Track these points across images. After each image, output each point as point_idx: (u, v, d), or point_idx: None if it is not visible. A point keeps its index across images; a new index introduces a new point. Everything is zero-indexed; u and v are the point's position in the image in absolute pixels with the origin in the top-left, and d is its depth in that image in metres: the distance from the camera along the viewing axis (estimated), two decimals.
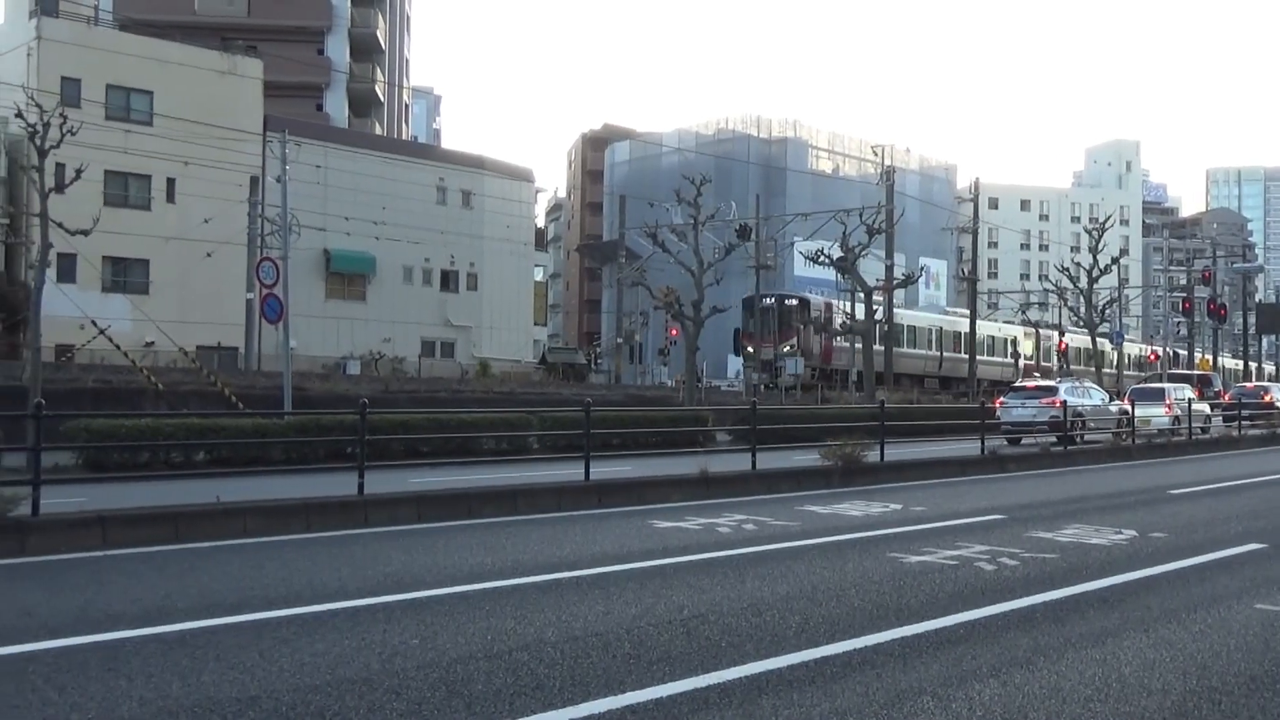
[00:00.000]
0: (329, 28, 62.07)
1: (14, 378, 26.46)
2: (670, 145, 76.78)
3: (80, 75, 42.44)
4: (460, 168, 57.06)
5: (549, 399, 34.39)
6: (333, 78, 61.51)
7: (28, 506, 10.69)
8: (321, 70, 60.84)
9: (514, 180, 59.63)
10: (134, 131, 42.89)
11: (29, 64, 41.74)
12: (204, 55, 47.01)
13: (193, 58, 46.39)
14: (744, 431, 22.96)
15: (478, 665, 6.08)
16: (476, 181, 57.07)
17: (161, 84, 44.65)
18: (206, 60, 46.84)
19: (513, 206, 58.22)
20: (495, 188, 57.45)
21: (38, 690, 5.58)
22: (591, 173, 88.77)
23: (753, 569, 9.37)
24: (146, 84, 44.50)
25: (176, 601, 7.94)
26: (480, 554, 10.21)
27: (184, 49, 46.65)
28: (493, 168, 58.68)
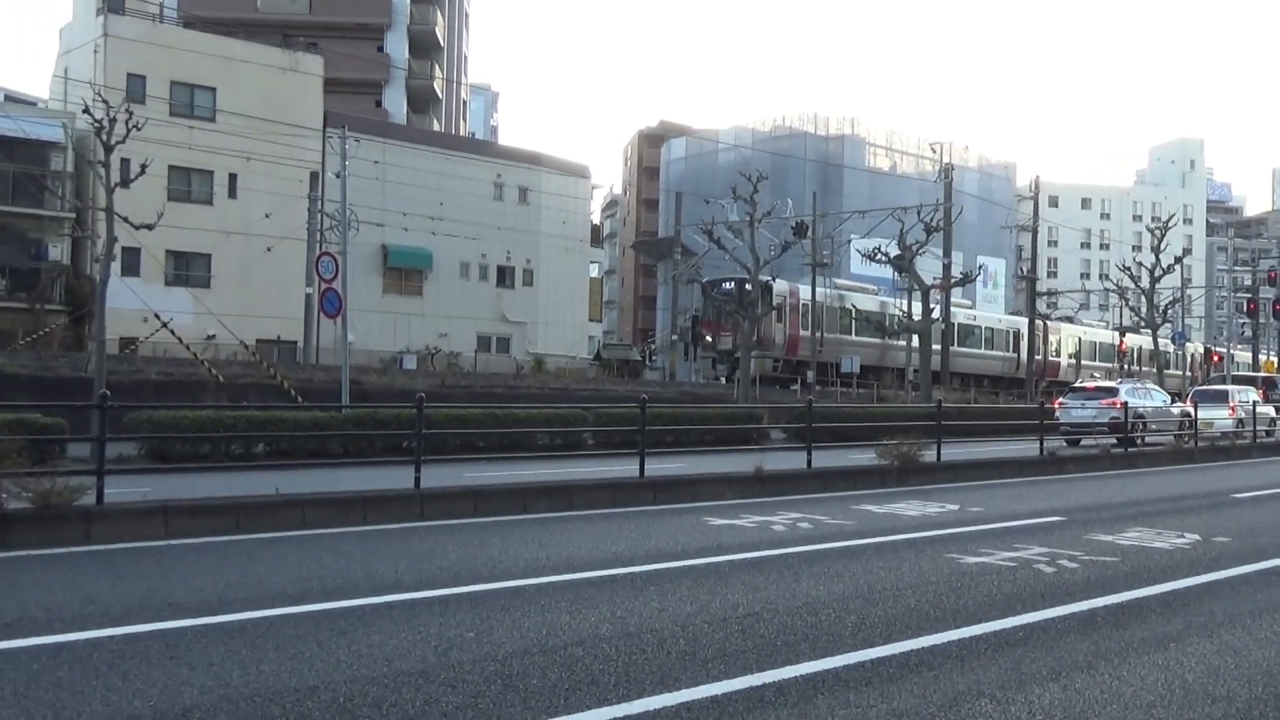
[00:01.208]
0: (389, 25, 62.53)
1: (80, 369, 26.92)
2: (727, 142, 76.56)
3: (145, 72, 43.07)
4: (517, 164, 57.24)
5: (603, 395, 34.43)
6: (392, 74, 61.96)
7: (93, 496, 10.89)
8: (381, 67, 61.32)
9: (570, 177, 59.71)
10: (197, 127, 43.47)
11: (96, 61, 42.44)
12: (266, 52, 47.53)
13: (255, 54, 46.91)
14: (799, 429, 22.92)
15: (533, 660, 6.10)
16: (533, 178, 57.24)
17: (224, 80, 45.21)
18: (268, 57, 47.35)
19: (569, 203, 58.32)
20: (552, 184, 57.57)
21: (102, 676, 5.67)
22: (647, 169, 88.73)
23: (808, 568, 9.32)
24: (210, 80, 45.07)
25: (236, 591, 8.05)
26: (535, 549, 10.25)
27: (247, 46, 47.19)
28: (549, 164, 58.81)
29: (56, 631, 6.62)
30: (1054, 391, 55.14)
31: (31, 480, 10.33)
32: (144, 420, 18.93)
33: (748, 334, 39.81)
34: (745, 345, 39.21)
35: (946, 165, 50.79)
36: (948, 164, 51.61)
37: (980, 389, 52.88)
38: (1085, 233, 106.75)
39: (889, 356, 51.45)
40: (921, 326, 42.39)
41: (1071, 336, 63.34)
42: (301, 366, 37.30)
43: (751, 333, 40.87)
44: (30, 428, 16.08)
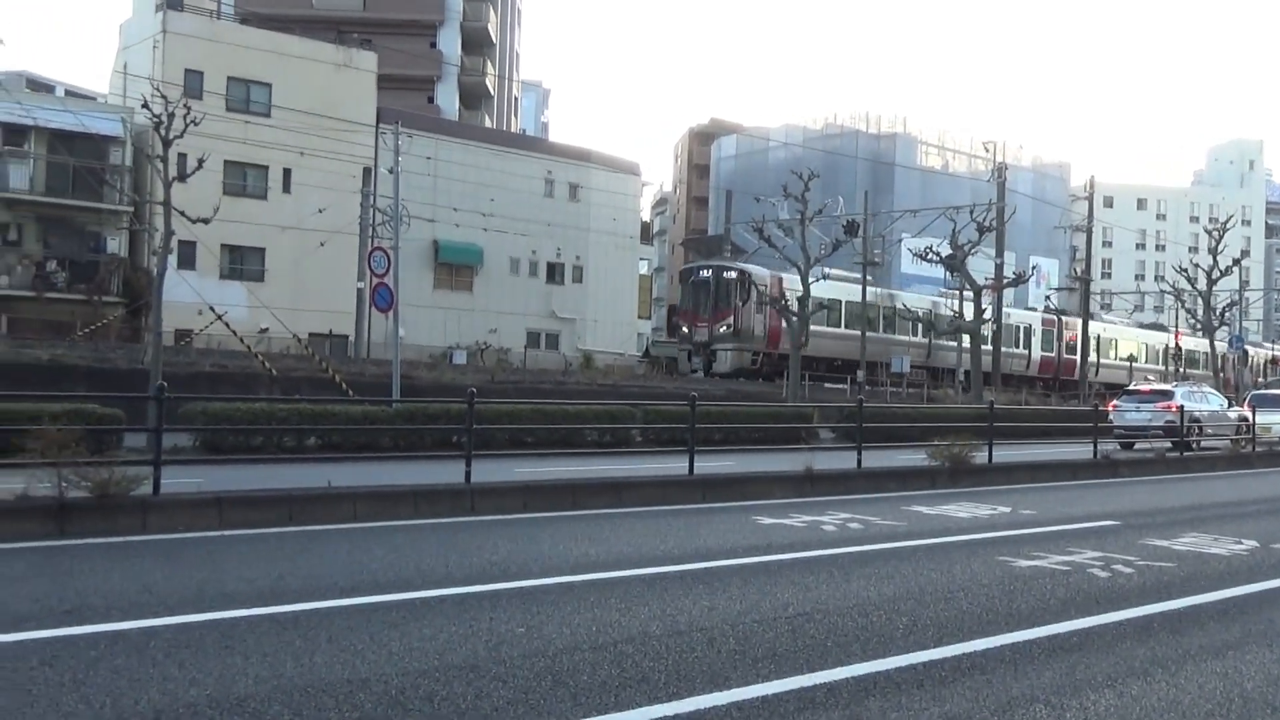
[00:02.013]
0: (441, 21, 62.88)
1: (136, 361, 27.31)
2: (778, 140, 76.32)
3: (203, 68, 43.60)
4: (568, 161, 57.36)
5: (652, 392, 34.42)
6: (444, 71, 62.30)
7: (149, 486, 11.04)
8: (433, 63, 61.67)
9: (621, 174, 59.75)
10: (253, 123, 43.92)
11: (155, 57, 42.99)
12: (320, 48, 47.93)
13: (310, 51, 47.33)
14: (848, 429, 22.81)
15: (583, 656, 6.10)
16: (584, 175, 57.33)
17: (280, 76, 45.66)
18: (323, 53, 47.76)
19: (619, 200, 58.36)
20: (602, 181, 57.63)
21: (158, 665, 5.74)
22: (698, 167, 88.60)
23: (858, 568, 9.27)
24: (265, 76, 45.54)
25: (289, 583, 8.12)
26: (585, 545, 10.27)
27: (302, 42, 47.62)
28: (600, 161, 58.88)
29: (114, 619, 6.71)
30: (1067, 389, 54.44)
31: (90, 470, 10.48)
32: (199, 412, 19.17)
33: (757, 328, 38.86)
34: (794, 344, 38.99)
35: (1000, 164, 50.30)
36: (1001, 163, 51.13)
37: (1032, 390, 52.24)
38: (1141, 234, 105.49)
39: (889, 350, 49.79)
40: (972, 326, 42.07)
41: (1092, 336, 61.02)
42: (353, 360, 37.62)
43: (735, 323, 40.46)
44: (88, 418, 16.38)
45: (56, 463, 10.28)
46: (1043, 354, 57.13)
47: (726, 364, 43.38)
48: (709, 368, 43.17)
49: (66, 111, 40.59)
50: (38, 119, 39.77)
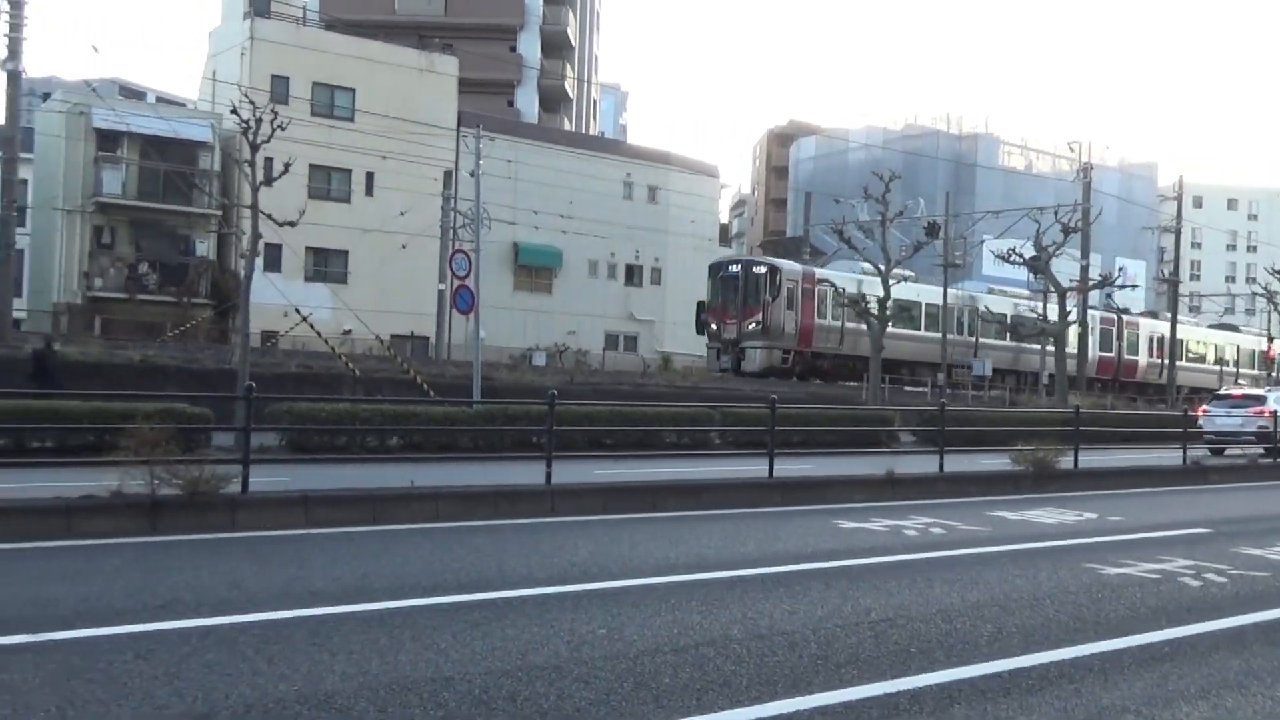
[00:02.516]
0: (521, 25, 63.32)
1: (224, 361, 27.84)
2: (857, 141, 75.78)
3: (289, 73, 44.38)
4: (646, 163, 57.46)
5: (730, 394, 34.29)
6: (524, 74, 62.73)
7: (238, 484, 11.26)
8: (514, 67, 62.13)
9: (699, 176, 59.71)
10: (337, 127, 44.61)
11: (242, 63, 43.85)
12: (403, 53, 48.54)
13: (392, 56, 47.96)
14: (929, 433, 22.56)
15: (664, 658, 6.10)
16: (662, 177, 57.39)
17: (363, 81, 46.34)
18: (405, 58, 48.37)
19: (697, 202, 58.32)
20: (680, 183, 57.64)
21: (248, 660, 5.85)
22: (776, 169, 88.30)
23: (941, 574, 9.16)
24: (349, 81, 46.24)
25: (374, 581, 8.23)
26: (665, 547, 10.27)
27: (384, 47, 48.27)
28: (678, 163, 58.90)
29: (205, 615, 6.85)
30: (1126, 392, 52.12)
31: (181, 468, 10.70)
32: (284, 412, 19.47)
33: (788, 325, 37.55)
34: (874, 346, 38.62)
35: (1085, 164, 49.44)
36: (1086, 163, 50.22)
37: (1118, 394, 51.11)
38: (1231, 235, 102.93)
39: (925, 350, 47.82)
40: (1056, 329, 41.40)
41: (1156, 334, 57.55)
42: (434, 362, 38.02)
43: (764, 320, 39.24)
44: (179, 417, 16.71)
45: (149, 461, 10.52)
46: (1100, 354, 53.78)
47: (755, 363, 41.58)
48: (738, 366, 41.25)
49: (158, 118, 41.63)
50: (130, 125, 40.78)
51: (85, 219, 41.61)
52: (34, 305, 43.24)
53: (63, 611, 6.86)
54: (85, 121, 40.92)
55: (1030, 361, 50.34)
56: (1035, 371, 49.91)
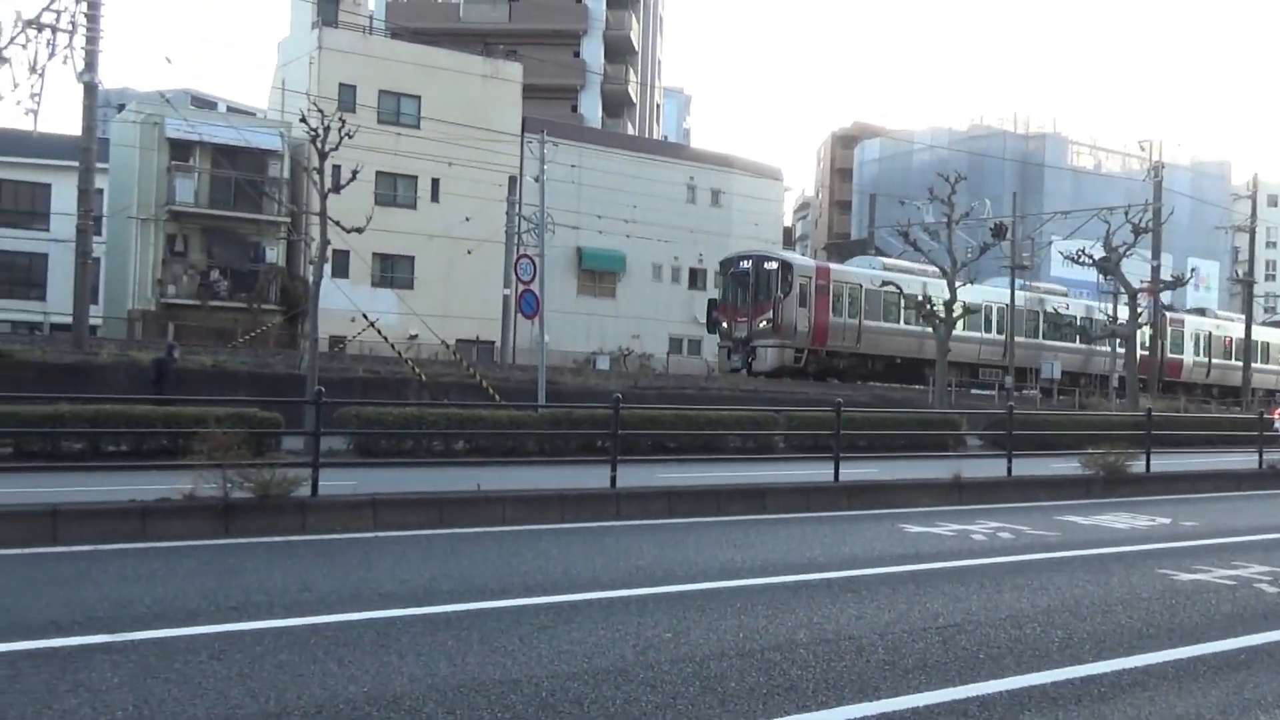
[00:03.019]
0: (585, 31, 63.61)
1: (293, 366, 28.21)
2: (922, 142, 75.19)
3: (356, 82, 44.93)
4: (710, 166, 57.43)
5: (794, 398, 34.14)
6: (588, 79, 62.99)
7: (308, 487, 11.42)
8: (577, 72, 62.42)
9: (762, 179, 59.57)
10: (403, 134, 45.07)
11: (311, 72, 44.45)
12: (468, 60, 48.94)
13: (457, 63, 48.38)
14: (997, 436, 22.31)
15: (730, 662, 6.10)
16: (725, 180, 57.33)
17: (429, 89, 46.79)
18: (470, 65, 48.76)
19: (761, 205, 58.18)
20: (744, 186, 57.56)
21: (319, 661, 5.94)
22: (840, 171, 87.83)
23: (1010, 579, 9.07)
24: (415, 89, 46.70)
25: (441, 584, 8.31)
26: (730, 551, 10.26)
27: (449, 55, 48.70)
28: (741, 166, 58.80)
29: (277, 616, 6.96)
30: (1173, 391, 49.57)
31: (253, 471, 10.88)
32: (353, 416, 19.72)
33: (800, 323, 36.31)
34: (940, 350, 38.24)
35: (1156, 163, 48.61)
36: (1157, 162, 49.38)
37: (1191, 397, 49.98)
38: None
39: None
40: (1127, 330, 40.77)
41: (1202, 332, 55.29)
42: (499, 366, 38.24)
43: (776, 317, 37.91)
44: (250, 421, 17.00)
45: (222, 464, 10.70)
46: (1141, 353, 50.34)
47: (767, 362, 39.71)
48: (748, 366, 39.67)
49: (229, 127, 42.29)
50: (203, 135, 41.50)
51: (159, 227, 42.42)
52: (110, 312, 44.15)
53: (140, 612, 7.00)
54: (159, 131, 41.72)
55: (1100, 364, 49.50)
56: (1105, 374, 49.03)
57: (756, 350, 39.59)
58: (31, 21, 28.67)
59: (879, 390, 40.36)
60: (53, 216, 47.11)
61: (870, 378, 42.03)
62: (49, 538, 9.72)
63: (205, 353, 29.56)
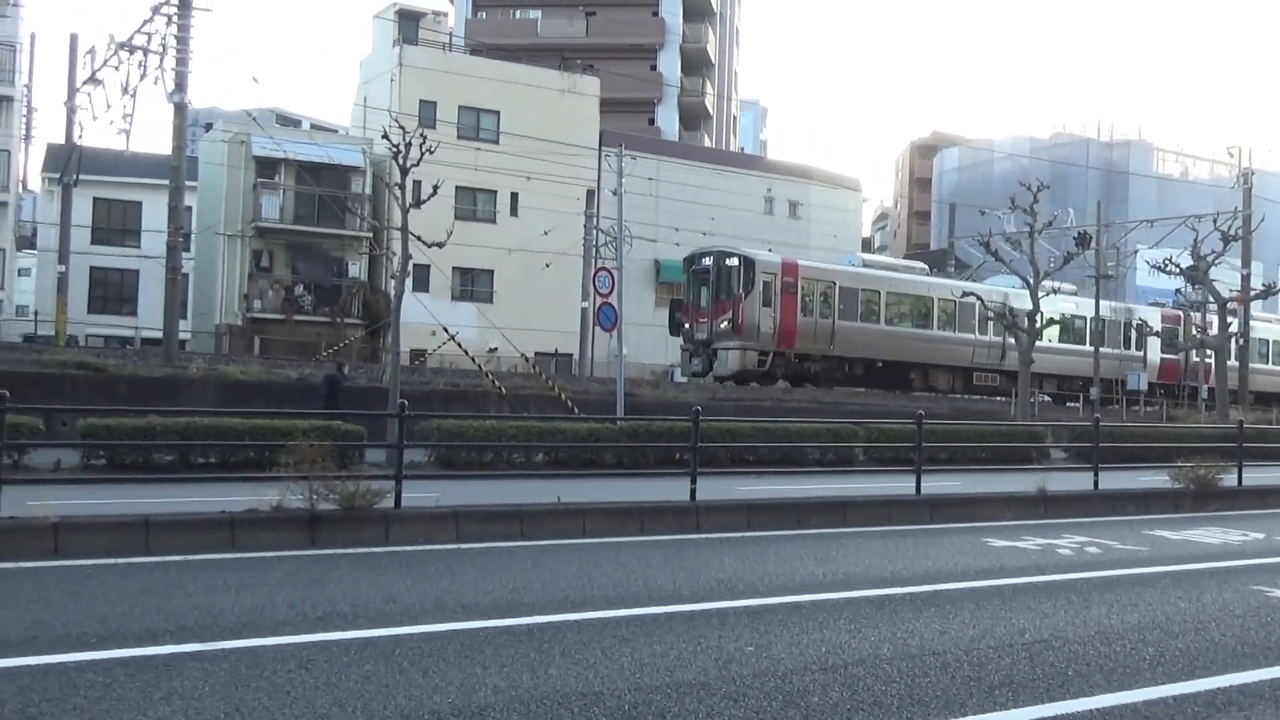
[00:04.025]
0: (661, 44, 63.80)
1: (375, 379, 28.59)
2: (1003, 151, 74.25)
3: (436, 98, 45.49)
4: (787, 178, 57.25)
5: (873, 410, 33.86)
6: (664, 92, 63.16)
7: (391, 499, 11.57)
8: (654, 85, 62.59)
9: (840, 189, 59.25)
10: (483, 149, 45.52)
11: (392, 89, 45.09)
12: (546, 75, 49.33)
13: (535, 78, 48.77)
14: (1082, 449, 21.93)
15: (813, 677, 6.07)
16: (803, 191, 57.11)
17: (507, 104, 47.23)
18: (548, 80, 49.14)
19: (839, 216, 57.86)
20: (821, 197, 57.29)
21: (404, 672, 6.01)
22: (919, 181, 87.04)
23: (1098, 594, 8.91)
24: (494, 104, 47.17)
25: (523, 596, 8.36)
26: (811, 564, 10.20)
27: (528, 70, 49.13)
28: (819, 177, 58.56)
29: (362, 627, 7.06)
30: None
31: (337, 483, 11.04)
32: (434, 428, 19.91)
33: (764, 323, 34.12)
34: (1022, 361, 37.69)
35: (1245, 170, 47.48)
36: (1246, 169, 48.23)
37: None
38: None
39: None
40: (1216, 341, 39.85)
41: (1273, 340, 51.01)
42: (577, 378, 38.40)
43: (736, 318, 35.33)
44: (334, 434, 17.25)
45: (308, 476, 10.88)
46: (1164, 356, 48.05)
47: (728, 366, 36.90)
48: (709, 370, 37.20)
49: (313, 144, 43.04)
50: (287, 152, 42.29)
51: (245, 243, 43.27)
52: (198, 327, 45.14)
53: (229, 622, 7.14)
54: (246, 150, 42.59)
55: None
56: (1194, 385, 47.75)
57: (718, 353, 36.87)
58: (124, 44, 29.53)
59: (960, 404, 39.88)
60: (144, 234, 48.41)
61: (848, 383, 39.27)
62: (142, 547, 9.95)
63: (290, 366, 30.06)
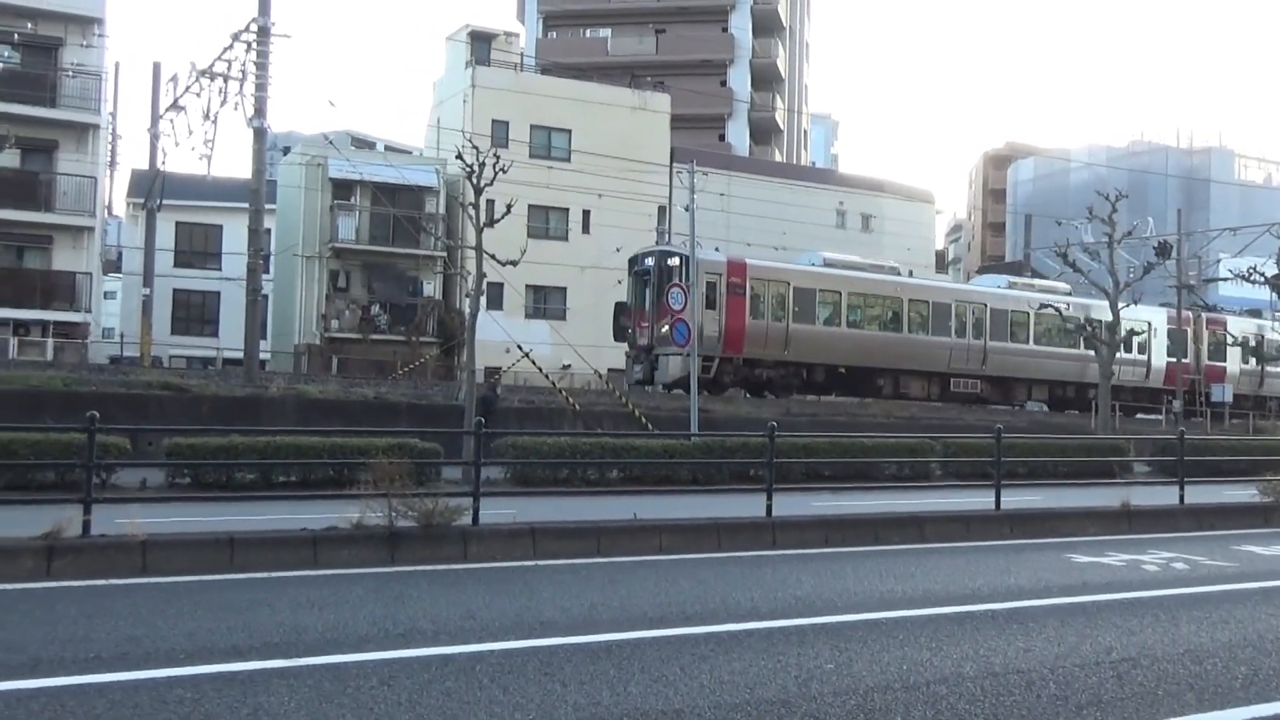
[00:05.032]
0: (731, 60, 63.84)
1: (451, 397, 28.86)
2: (1079, 161, 73.21)
3: (508, 118, 45.92)
4: (859, 191, 56.96)
5: (950, 424, 33.52)
6: (735, 108, 63.16)
7: (469, 516, 11.66)
8: (724, 101, 62.64)
9: (913, 202, 58.82)
10: (555, 167, 45.84)
11: (465, 110, 45.63)
12: (616, 93, 49.58)
13: (607, 96, 49.04)
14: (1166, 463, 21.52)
15: (894, 695, 6.00)
16: (875, 204, 56.79)
17: (579, 122, 47.53)
18: (619, 98, 49.38)
19: (912, 228, 57.43)
20: (894, 210, 56.92)
21: (484, 689, 6.04)
22: (993, 192, 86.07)
23: (1186, 611, 8.72)
24: (565, 123, 47.50)
25: (601, 613, 8.37)
26: (890, 581, 10.10)
27: (599, 88, 49.42)
28: (892, 190, 58.18)
29: (442, 643, 7.12)
30: None
31: (416, 501, 11.15)
32: (509, 446, 20.05)
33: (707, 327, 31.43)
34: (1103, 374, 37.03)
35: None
36: None
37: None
38: None
39: None
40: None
41: (1250, 335, 47.40)
42: (650, 395, 38.42)
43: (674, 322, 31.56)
44: (411, 452, 17.44)
45: (387, 494, 11.00)
46: (1168, 360, 44.08)
47: (669, 373, 34.26)
48: (650, 377, 34.99)
49: (388, 166, 43.66)
50: (363, 174, 42.95)
51: (323, 264, 43.97)
52: (277, 346, 45.89)
53: (312, 638, 7.23)
54: (323, 172, 43.33)
55: (1276, 386, 47.03)
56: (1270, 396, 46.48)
57: (659, 359, 34.55)
58: (205, 71, 30.17)
59: (1040, 417, 39.30)
60: (224, 256, 49.37)
61: (807, 390, 36.91)
62: (227, 565, 10.13)
63: (367, 384, 30.44)
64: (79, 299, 37.91)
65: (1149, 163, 66.41)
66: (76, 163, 37.98)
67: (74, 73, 37.76)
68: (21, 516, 10.36)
